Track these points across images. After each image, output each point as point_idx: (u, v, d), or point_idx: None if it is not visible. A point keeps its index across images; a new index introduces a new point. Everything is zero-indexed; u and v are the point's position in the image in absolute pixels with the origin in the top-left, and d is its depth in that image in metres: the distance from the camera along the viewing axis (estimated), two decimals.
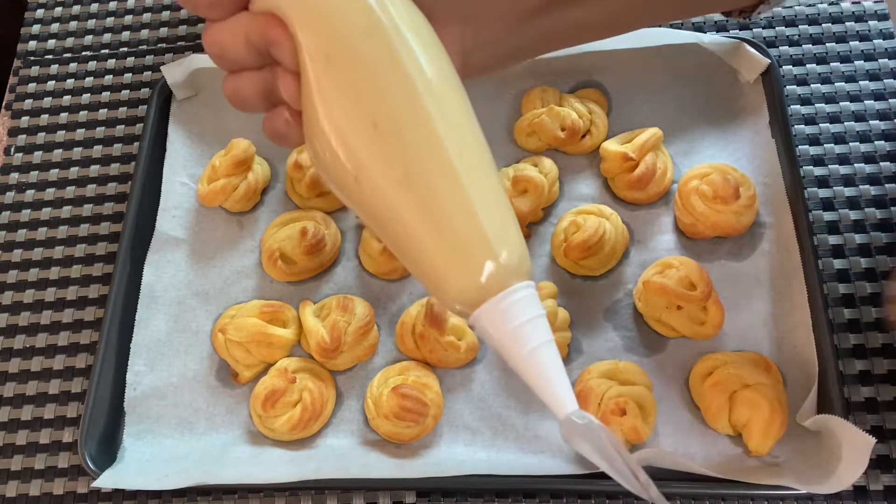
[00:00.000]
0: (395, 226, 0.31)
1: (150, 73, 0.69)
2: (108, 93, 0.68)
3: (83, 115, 0.67)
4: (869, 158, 0.59)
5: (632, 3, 0.43)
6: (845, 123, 0.60)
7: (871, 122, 0.60)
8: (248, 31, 0.33)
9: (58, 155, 0.66)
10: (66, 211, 0.63)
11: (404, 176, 0.30)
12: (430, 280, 0.32)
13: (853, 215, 0.57)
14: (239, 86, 0.35)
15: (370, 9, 0.31)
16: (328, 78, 0.31)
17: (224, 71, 0.36)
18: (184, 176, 0.62)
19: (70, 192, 0.64)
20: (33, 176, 0.65)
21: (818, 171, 0.59)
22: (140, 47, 0.70)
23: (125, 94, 0.68)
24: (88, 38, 0.71)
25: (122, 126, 0.66)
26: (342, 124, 0.31)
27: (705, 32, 0.62)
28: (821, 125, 0.60)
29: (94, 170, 0.65)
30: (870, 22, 0.64)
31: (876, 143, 0.59)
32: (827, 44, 0.63)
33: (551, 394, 0.30)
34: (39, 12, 0.73)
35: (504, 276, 0.30)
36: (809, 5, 0.65)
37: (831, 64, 0.63)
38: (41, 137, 0.67)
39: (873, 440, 0.43)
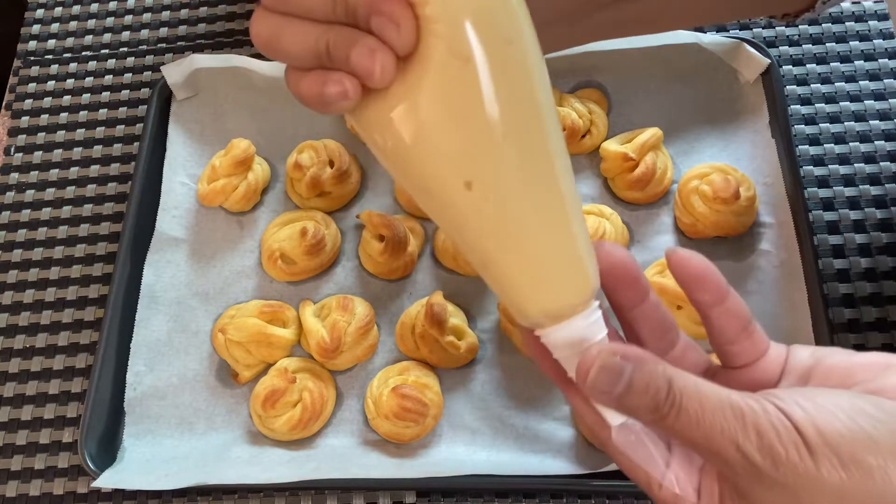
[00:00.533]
0: (493, 237, 0.30)
1: (150, 73, 0.69)
2: (108, 93, 0.68)
3: (83, 115, 0.67)
4: (869, 158, 0.59)
5: (670, 4, 0.43)
6: (845, 123, 0.60)
7: (871, 122, 0.60)
8: None
9: (58, 155, 0.66)
10: (66, 211, 0.63)
11: (523, 191, 0.29)
12: (512, 293, 0.31)
13: (853, 215, 0.57)
14: (284, 36, 0.30)
15: (516, 15, 0.29)
16: (461, 79, 0.28)
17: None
18: (184, 176, 0.62)
19: (70, 192, 0.64)
20: (33, 176, 0.65)
21: (818, 171, 0.59)
22: (140, 47, 0.70)
23: (125, 94, 0.68)
24: (88, 38, 0.71)
25: (122, 126, 0.66)
26: (466, 128, 0.29)
27: (705, 32, 0.62)
28: (821, 125, 0.60)
29: (94, 170, 0.65)
30: (870, 22, 0.64)
31: (876, 143, 0.59)
32: (827, 44, 0.63)
33: None
34: (39, 12, 0.73)
35: (588, 297, 0.31)
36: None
37: (831, 64, 0.62)
38: (41, 137, 0.67)
39: None
